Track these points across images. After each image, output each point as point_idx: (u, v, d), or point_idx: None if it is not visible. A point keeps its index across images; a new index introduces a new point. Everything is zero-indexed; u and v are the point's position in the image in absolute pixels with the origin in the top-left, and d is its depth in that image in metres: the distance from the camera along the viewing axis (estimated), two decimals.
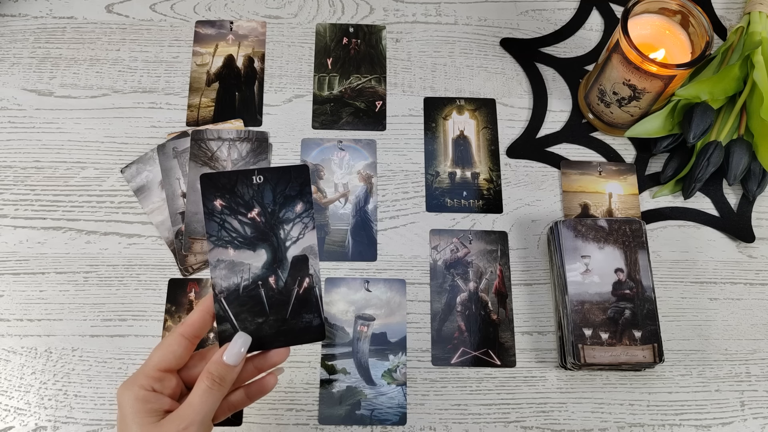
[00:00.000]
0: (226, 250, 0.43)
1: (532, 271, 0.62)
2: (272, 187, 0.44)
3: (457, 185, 0.65)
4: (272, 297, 0.44)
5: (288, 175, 0.44)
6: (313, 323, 0.44)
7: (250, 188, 0.44)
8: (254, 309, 0.43)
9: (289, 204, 0.44)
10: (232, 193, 0.44)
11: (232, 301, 0.43)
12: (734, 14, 0.74)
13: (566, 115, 0.69)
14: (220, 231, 0.43)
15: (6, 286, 0.60)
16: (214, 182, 0.43)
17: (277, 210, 0.44)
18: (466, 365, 0.59)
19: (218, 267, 0.43)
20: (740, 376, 0.59)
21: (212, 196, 0.43)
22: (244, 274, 0.44)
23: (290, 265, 0.44)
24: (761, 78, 0.61)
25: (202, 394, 0.40)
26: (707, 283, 0.62)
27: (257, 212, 0.44)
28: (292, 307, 0.44)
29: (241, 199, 0.44)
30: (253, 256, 0.44)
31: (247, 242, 0.44)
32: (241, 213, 0.44)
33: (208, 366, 0.41)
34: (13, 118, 0.66)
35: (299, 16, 0.72)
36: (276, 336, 0.43)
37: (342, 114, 0.67)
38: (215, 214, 0.43)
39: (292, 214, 0.44)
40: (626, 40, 0.56)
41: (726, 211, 0.65)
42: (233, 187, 0.44)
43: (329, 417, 0.57)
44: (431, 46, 0.71)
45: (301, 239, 0.44)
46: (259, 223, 0.44)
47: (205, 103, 0.67)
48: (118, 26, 0.71)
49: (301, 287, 0.44)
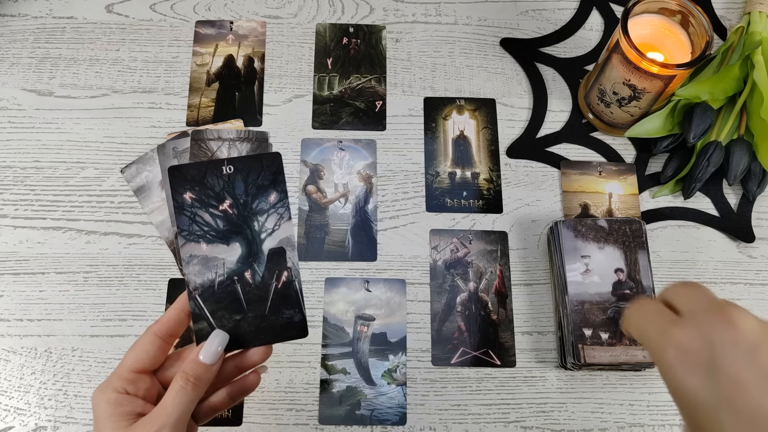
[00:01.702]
0: (198, 244, 0.41)
1: (532, 271, 0.62)
2: (243, 177, 0.42)
3: (457, 185, 0.65)
4: (249, 292, 0.41)
5: (260, 164, 0.42)
6: (295, 319, 0.42)
7: (220, 179, 0.42)
8: (231, 306, 0.41)
9: (262, 194, 0.42)
10: (201, 185, 0.41)
11: (208, 298, 0.41)
12: (734, 14, 0.74)
13: (566, 115, 0.69)
14: (191, 225, 0.41)
15: (6, 286, 0.60)
16: (182, 174, 0.41)
17: (249, 201, 0.42)
18: (466, 365, 0.59)
19: (191, 263, 0.41)
20: None
21: (181, 188, 0.41)
22: (218, 270, 0.41)
23: (267, 259, 0.42)
24: (761, 78, 0.61)
25: (176, 395, 0.38)
26: (707, 283, 0.62)
27: (229, 204, 0.42)
28: (271, 302, 0.42)
29: (212, 191, 0.42)
30: (227, 251, 0.41)
31: (219, 236, 0.42)
32: (212, 205, 0.42)
33: (183, 366, 0.39)
34: (13, 118, 0.66)
35: (299, 16, 0.72)
36: (256, 333, 0.41)
37: (342, 114, 0.67)
38: (185, 208, 0.41)
39: (266, 205, 0.42)
40: (626, 40, 0.56)
41: (726, 211, 0.65)
42: (203, 179, 0.41)
43: (329, 417, 0.57)
44: (431, 46, 0.71)
45: (276, 231, 0.42)
46: (232, 215, 0.42)
47: (205, 103, 0.67)
48: (118, 26, 0.70)
49: (280, 281, 0.42)
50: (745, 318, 0.31)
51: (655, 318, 0.34)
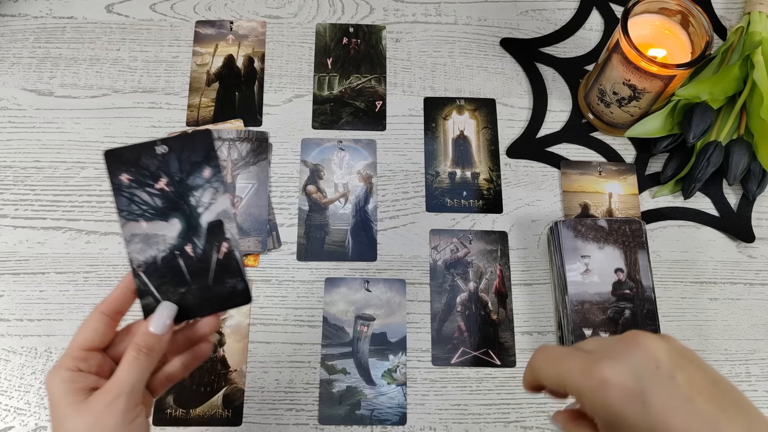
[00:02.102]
0: (138, 223, 0.43)
1: (532, 271, 0.62)
2: (177, 155, 0.43)
3: (457, 185, 0.65)
4: (192, 265, 0.43)
5: (192, 142, 0.44)
6: (238, 287, 0.43)
7: (155, 159, 0.43)
8: (175, 279, 0.43)
9: (197, 170, 0.44)
10: (137, 166, 0.43)
11: (152, 273, 0.43)
12: (734, 14, 0.74)
13: (566, 115, 0.69)
14: (130, 205, 0.43)
15: (6, 286, 0.60)
16: (118, 157, 0.43)
17: (185, 178, 0.44)
18: (466, 365, 0.59)
19: (133, 242, 0.43)
20: (740, 376, 0.59)
21: (118, 171, 0.43)
22: (159, 246, 0.43)
23: (206, 232, 0.44)
24: (761, 78, 0.61)
25: (129, 365, 0.39)
26: (707, 283, 0.62)
27: (165, 182, 0.43)
28: (214, 273, 0.43)
29: (147, 171, 0.43)
30: (167, 227, 0.43)
31: (158, 213, 0.43)
32: (149, 185, 0.43)
33: (135, 338, 0.40)
34: (13, 118, 0.66)
35: (299, 16, 0.72)
36: (201, 304, 0.43)
37: (342, 114, 0.67)
38: (123, 189, 0.43)
39: (201, 180, 0.44)
40: (626, 40, 0.56)
41: (726, 211, 0.65)
42: (138, 160, 0.43)
43: (329, 417, 0.57)
44: (431, 46, 0.71)
45: (213, 204, 0.44)
46: (169, 192, 0.43)
47: (205, 103, 0.67)
48: (118, 26, 0.71)
49: (220, 252, 0.44)
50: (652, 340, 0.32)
51: (570, 361, 0.34)
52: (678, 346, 0.33)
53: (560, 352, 0.35)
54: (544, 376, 0.35)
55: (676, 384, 0.30)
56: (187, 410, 0.56)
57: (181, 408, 0.56)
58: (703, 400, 0.30)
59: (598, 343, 0.34)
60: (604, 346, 0.34)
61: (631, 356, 0.32)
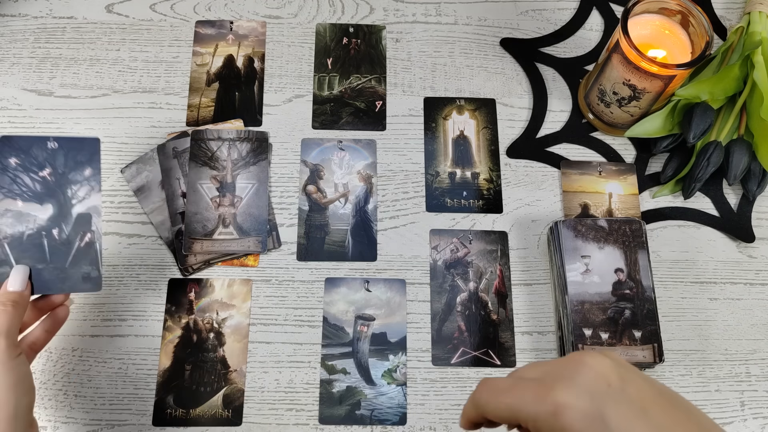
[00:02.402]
0: (14, 201, 0.50)
1: (532, 271, 0.62)
2: (65, 152, 0.51)
3: (457, 185, 0.65)
4: (54, 246, 0.49)
5: (80, 145, 0.51)
6: (92, 275, 0.50)
7: (44, 151, 0.50)
8: (35, 255, 0.49)
9: (79, 168, 0.51)
10: (27, 154, 0.50)
11: (15, 246, 0.49)
12: (734, 14, 0.74)
13: (566, 115, 0.69)
14: (11, 184, 0.50)
15: None
16: (12, 143, 0.50)
17: (67, 172, 0.50)
18: (466, 365, 0.59)
19: (5, 216, 0.49)
20: (740, 376, 0.59)
21: (8, 154, 0.50)
22: (29, 224, 0.50)
23: (74, 221, 0.50)
24: (761, 78, 0.61)
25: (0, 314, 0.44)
26: (707, 283, 0.62)
27: (48, 172, 0.50)
28: (73, 257, 0.50)
29: (35, 160, 0.50)
30: (40, 209, 0.50)
31: (35, 196, 0.50)
32: (33, 171, 0.50)
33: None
34: (13, 118, 0.66)
35: (299, 16, 0.72)
36: (56, 282, 0.49)
37: (342, 114, 0.67)
38: (9, 170, 0.50)
39: (81, 177, 0.51)
40: (626, 40, 0.56)
41: (726, 211, 0.65)
42: (29, 149, 0.50)
43: (329, 417, 0.57)
44: (431, 46, 0.71)
45: (86, 199, 0.51)
46: (50, 181, 0.50)
47: (205, 103, 0.67)
48: (118, 26, 0.71)
49: (83, 241, 0.50)
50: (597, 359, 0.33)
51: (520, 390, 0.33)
52: (621, 361, 0.33)
53: (506, 382, 0.34)
54: (492, 410, 0.34)
55: (629, 398, 0.31)
56: (187, 410, 0.56)
57: (181, 408, 0.56)
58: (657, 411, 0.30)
59: (543, 368, 0.34)
60: (552, 371, 0.33)
61: (581, 378, 0.32)
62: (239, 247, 0.61)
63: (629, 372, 0.32)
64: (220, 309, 0.60)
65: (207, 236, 0.61)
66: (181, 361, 0.58)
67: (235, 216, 0.62)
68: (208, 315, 0.59)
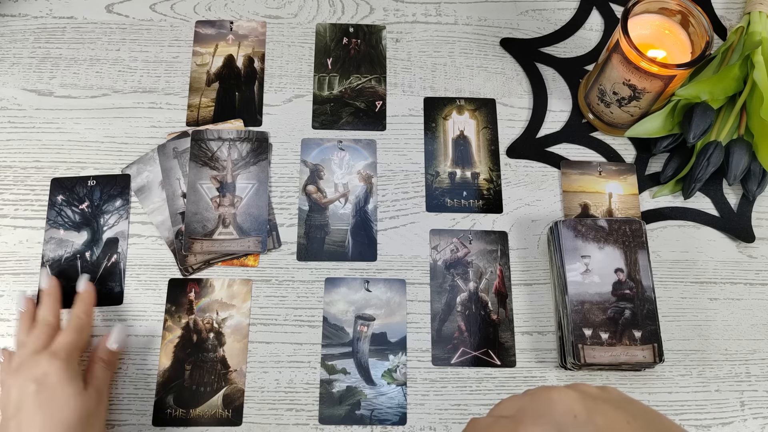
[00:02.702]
0: (58, 230, 0.60)
1: (532, 271, 0.62)
2: (101, 188, 0.62)
3: (457, 185, 0.65)
4: (86, 267, 0.59)
5: (114, 181, 0.62)
6: (114, 290, 0.59)
7: (84, 188, 0.62)
8: (70, 275, 0.59)
9: (111, 200, 0.61)
10: (71, 191, 0.61)
11: (54, 267, 0.59)
12: (734, 14, 0.74)
13: (566, 115, 0.69)
14: (57, 217, 0.61)
15: (6, 286, 0.60)
16: (60, 183, 0.62)
17: (101, 204, 0.61)
18: (466, 365, 0.59)
19: (50, 242, 0.60)
20: (740, 376, 0.59)
21: (57, 192, 0.61)
22: (67, 249, 0.60)
23: (104, 244, 0.60)
24: (761, 78, 0.61)
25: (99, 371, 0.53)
26: (707, 283, 0.62)
27: (86, 205, 0.61)
28: (100, 275, 0.59)
29: (77, 196, 0.61)
30: (77, 236, 0.60)
31: (74, 226, 0.60)
32: (75, 205, 0.61)
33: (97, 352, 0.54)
34: (13, 118, 0.66)
35: (299, 16, 0.72)
36: None
37: (342, 114, 0.67)
38: (56, 205, 0.61)
39: (112, 208, 0.61)
40: (626, 40, 0.56)
41: (726, 211, 0.65)
42: (73, 187, 0.62)
43: (329, 417, 0.57)
44: (431, 46, 0.71)
45: (115, 226, 0.61)
46: (87, 212, 0.60)
47: (205, 103, 0.67)
48: (118, 26, 0.71)
49: (110, 261, 0.59)
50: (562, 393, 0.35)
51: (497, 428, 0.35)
52: (589, 391, 0.35)
53: (487, 421, 0.37)
54: None
55: (596, 427, 0.33)
56: (187, 410, 0.56)
57: (181, 408, 0.56)
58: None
59: (517, 403, 0.36)
60: (524, 407, 0.36)
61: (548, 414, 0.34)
62: (239, 247, 0.61)
63: (597, 401, 0.34)
64: (220, 309, 0.60)
65: (207, 236, 0.61)
66: (181, 361, 0.58)
67: (235, 216, 0.62)
68: (208, 315, 0.59)
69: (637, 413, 0.34)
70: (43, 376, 0.48)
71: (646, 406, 0.35)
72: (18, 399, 0.48)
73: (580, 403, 0.34)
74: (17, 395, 0.48)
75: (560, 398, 0.34)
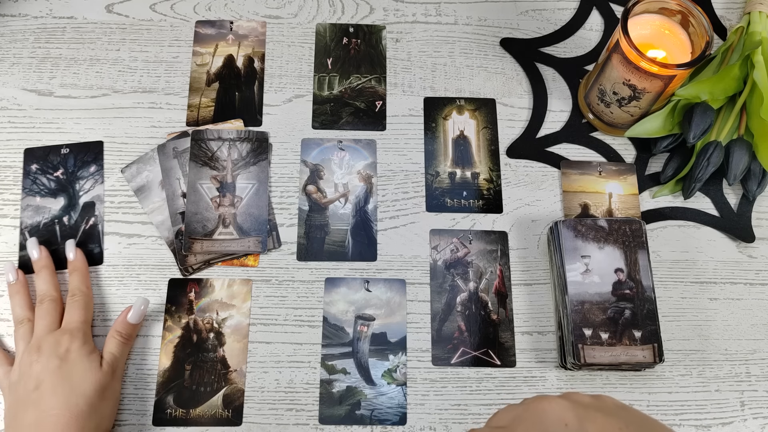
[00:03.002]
0: (34, 197, 0.62)
1: (532, 271, 0.62)
2: (74, 155, 0.63)
3: (457, 185, 0.65)
4: (64, 231, 0.61)
5: (87, 148, 0.64)
6: (95, 251, 0.61)
7: (58, 156, 0.63)
8: (49, 239, 0.61)
9: (86, 167, 0.63)
10: (45, 160, 0.63)
11: (33, 233, 0.61)
12: (734, 14, 0.74)
13: (566, 115, 0.69)
14: (32, 185, 0.62)
15: (6, 286, 0.60)
16: (33, 153, 0.63)
17: (76, 170, 0.63)
18: (466, 365, 0.59)
19: (27, 209, 0.62)
20: (740, 376, 0.59)
21: (30, 162, 0.63)
22: (45, 215, 0.61)
23: (81, 208, 0.62)
24: (761, 78, 0.61)
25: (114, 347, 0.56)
26: (707, 283, 0.62)
27: (61, 172, 0.62)
28: (79, 238, 0.61)
29: (51, 164, 0.63)
30: (54, 202, 0.62)
31: (50, 192, 0.62)
32: (49, 172, 0.62)
33: (115, 325, 0.56)
34: (13, 118, 0.66)
35: (299, 16, 0.72)
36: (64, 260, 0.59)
37: (342, 114, 0.67)
38: (31, 174, 0.63)
39: (87, 173, 0.63)
40: (626, 40, 0.56)
41: (726, 211, 0.65)
42: (46, 156, 0.63)
43: (329, 417, 0.57)
44: (431, 46, 0.71)
45: (91, 190, 0.62)
46: (62, 179, 0.62)
47: (205, 103, 0.67)
48: (118, 26, 0.71)
49: (88, 224, 0.61)
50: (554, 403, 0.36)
51: None
52: (582, 400, 0.36)
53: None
54: None
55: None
56: (187, 410, 0.56)
57: (181, 408, 0.56)
58: None
59: (512, 414, 0.37)
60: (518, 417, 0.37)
61: (541, 423, 0.35)
62: (239, 247, 0.61)
63: (588, 411, 0.35)
64: (220, 309, 0.60)
65: (207, 236, 0.61)
66: (181, 361, 0.58)
67: (235, 216, 0.62)
68: (208, 315, 0.59)
69: (630, 420, 0.34)
70: (65, 352, 0.53)
71: (641, 413, 0.36)
72: (39, 373, 0.51)
73: (572, 411, 0.35)
74: (39, 370, 0.52)
75: (552, 408, 0.35)
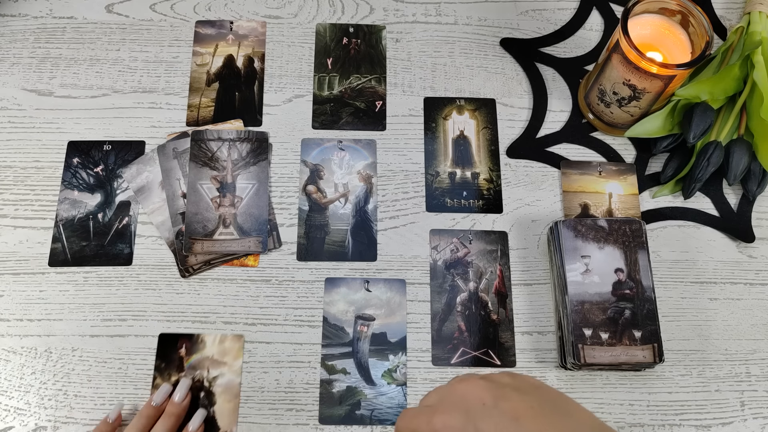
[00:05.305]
0: (72, 191, 0.62)
1: (532, 271, 0.62)
2: (116, 152, 0.64)
3: (457, 185, 0.65)
4: (97, 228, 0.61)
5: (129, 147, 0.64)
6: (125, 251, 0.61)
7: (100, 152, 0.63)
8: (82, 235, 0.61)
9: (126, 165, 0.63)
10: (86, 154, 0.63)
11: (67, 227, 0.61)
12: (734, 14, 0.74)
13: (566, 115, 0.69)
14: (72, 178, 0.63)
15: (6, 286, 0.60)
16: (76, 146, 0.64)
17: (116, 168, 0.63)
18: (466, 365, 0.59)
19: (64, 203, 0.62)
20: (740, 376, 0.59)
21: (73, 155, 0.63)
22: (80, 210, 0.61)
23: (116, 207, 0.62)
24: (761, 78, 0.61)
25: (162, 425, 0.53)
26: (707, 283, 0.62)
27: (101, 168, 0.63)
28: (111, 237, 0.61)
29: (92, 159, 0.63)
30: (91, 198, 0.62)
31: (88, 188, 0.62)
32: (90, 168, 0.63)
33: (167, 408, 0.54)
34: (13, 118, 0.66)
35: (299, 16, 0.72)
36: (94, 257, 0.60)
37: (342, 114, 0.67)
38: (72, 167, 0.63)
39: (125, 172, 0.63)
40: (626, 40, 0.56)
41: (726, 211, 0.65)
42: (89, 150, 0.63)
43: (329, 417, 0.57)
44: (431, 46, 0.71)
45: (128, 189, 0.62)
46: (102, 176, 0.62)
47: (205, 103, 0.67)
48: (118, 26, 0.71)
49: (121, 223, 0.61)
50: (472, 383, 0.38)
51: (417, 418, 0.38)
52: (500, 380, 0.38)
53: (414, 411, 0.39)
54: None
55: (501, 411, 0.35)
56: None
57: None
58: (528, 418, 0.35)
59: (437, 395, 0.39)
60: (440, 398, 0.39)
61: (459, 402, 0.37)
62: (240, 247, 0.61)
63: (505, 390, 0.37)
64: (212, 366, 0.57)
65: (207, 236, 0.61)
66: None
67: (235, 216, 0.62)
68: (199, 372, 0.57)
69: (544, 398, 0.37)
70: None
71: (557, 392, 0.38)
72: None
73: (489, 391, 0.37)
74: None
75: (471, 388, 0.37)
